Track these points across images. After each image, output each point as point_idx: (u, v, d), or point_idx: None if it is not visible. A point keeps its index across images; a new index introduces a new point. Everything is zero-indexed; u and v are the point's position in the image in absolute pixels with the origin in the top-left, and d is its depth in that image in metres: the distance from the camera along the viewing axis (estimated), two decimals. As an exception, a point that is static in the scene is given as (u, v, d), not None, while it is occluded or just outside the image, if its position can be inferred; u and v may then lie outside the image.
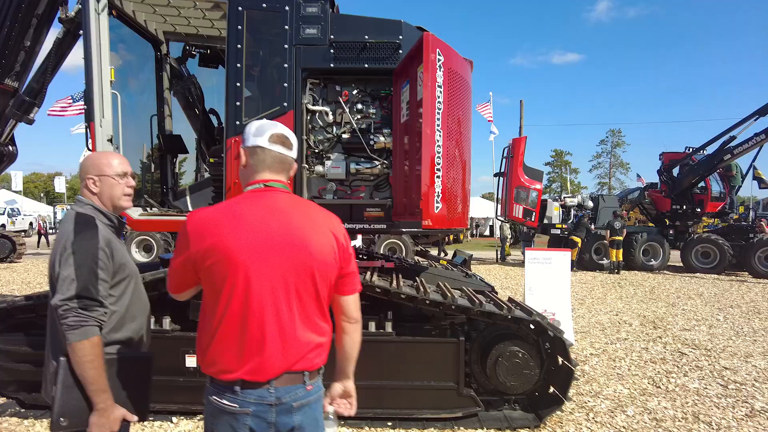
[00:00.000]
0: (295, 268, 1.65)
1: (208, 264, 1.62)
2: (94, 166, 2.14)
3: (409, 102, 3.82)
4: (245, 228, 1.62)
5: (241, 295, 1.61)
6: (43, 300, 4.30)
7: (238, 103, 4.04)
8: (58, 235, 2.04)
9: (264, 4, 4.05)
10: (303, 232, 1.68)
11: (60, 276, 1.91)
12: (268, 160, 1.73)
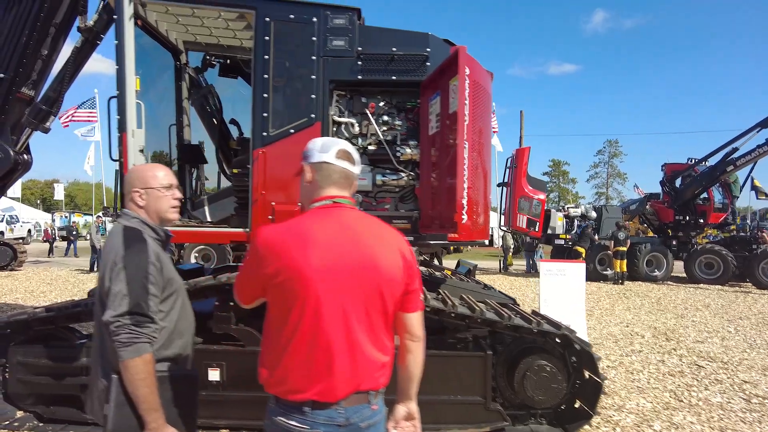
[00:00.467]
0: (365, 286, 1.63)
1: (278, 281, 1.59)
2: (140, 178, 2.12)
3: (439, 114, 3.81)
4: (317, 246, 1.60)
5: (312, 314, 1.59)
6: (64, 311, 4.24)
7: (265, 114, 4.03)
8: (106, 250, 2.01)
9: (291, 15, 4.05)
10: (373, 250, 1.66)
11: (111, 291, 1.88)
12: (334, 176, 1.72)
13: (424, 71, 4.10)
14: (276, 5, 4.05)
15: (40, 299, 10.50)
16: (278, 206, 4.03)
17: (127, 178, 2.11)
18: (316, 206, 1.73)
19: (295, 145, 4.05)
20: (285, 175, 4.03)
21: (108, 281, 1.91)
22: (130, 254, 1.94)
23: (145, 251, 1.98)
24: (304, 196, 1.81)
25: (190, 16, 4.60)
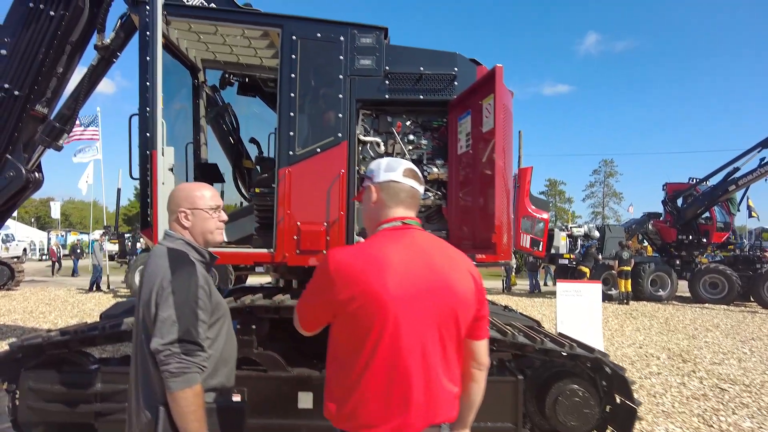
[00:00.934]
0: (441, 312, 1.56)
1: (353, 308, 1.50)
2: (187, 198, 2.02)
3: (469, 133, 3.77)
4: (393, 270, 1.51)
5: (390, 343, 1.49)
6: (80, 335, 4.09)
7: (291, 133, 3.97)
8: (150, 273, 1.90)
9: (318, 33, 4.03)
10: (447, 273, 1.59)
11: (159, 318, 1.78)
12: (402, 195, 1.66)
13: (451, 90, 4.07)
14: (303, 24, 4.03)
15: (39, 320, 10.27)
16: (304, 226, 3.95)
17: (173, 197, 2.01)
18: (385, 228, 1.65)
19: (322, 165, 3.99)
20: (311, 195, 3.96)
21: (154, 306, 1.81)
22: (179, 278, 1.84)
23: (194, 274, 1.88)
24: (369, 218, 1.74)
25: (213, 33, 4.57)
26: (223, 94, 5.68)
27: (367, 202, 1.70)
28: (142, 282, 1.95)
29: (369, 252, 1.57)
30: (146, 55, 4.03)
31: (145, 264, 2.01)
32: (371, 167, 1.72)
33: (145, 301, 1.86)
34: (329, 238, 3.95)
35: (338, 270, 1.52)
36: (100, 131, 16.42)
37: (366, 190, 1.72)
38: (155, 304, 1.81)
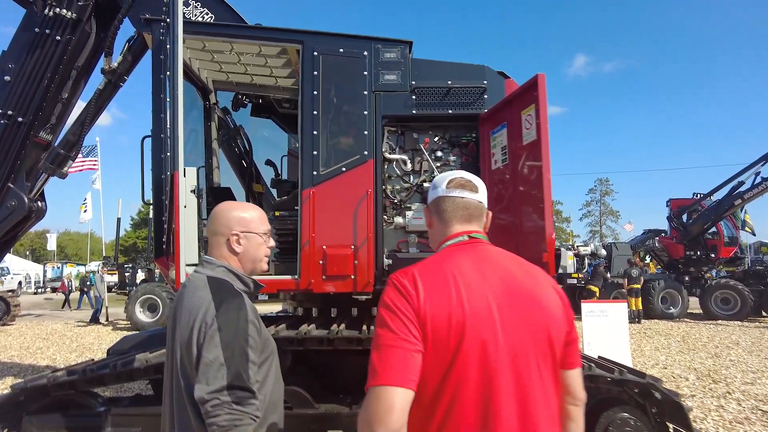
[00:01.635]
0: (533, 333, 1.30)
1: (428, 336, 1.23)
2: (240, 221, 1.77)
3: (506, 147, 3.57)
4: (472, 290, 1.28)
5: (477, 375, 1.23)
6: (89, 374, 3.78)
7: (315, 152, 3.77)
8: (189, 307, 1.63)
9: (341, 49, 3.87)
10: (530, 288, 1.35)
11: (204, 360, 1.51)
12: (450, 209, 1.45)
13: (482, 104, 3.90)
14: (324, 39, 3.87)
15: (37, 356, 9.84)
16: (330, 250, 3.71)
17: (221, 218, 1.76)
18: (450, 244, 1.42)
19: (347, 184, 3.78)
20: (337, 216, 3.74)
21: (196, 347, 1.54)
22: (225, 312, 1.58)
23: (242, 307, 1.62)
24: (432, 241, 1.54)
25: (228, 52, 4.41)
26: (234, 116, 5.50)
27: (427, 225, 1.55)
28: (176, 317, 1.68)
29: (439, 270, 1.33)
30: (160, 74, 3.87)
31: (178, 296, 1.73)
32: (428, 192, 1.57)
33: (184, 341, 1.59)
34: (357, 261, 3.71)
35: (408, 291, 1.26)
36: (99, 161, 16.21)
37: (425, 214, 1.56)
38: (197, 344, 1.54)
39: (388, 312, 1.25)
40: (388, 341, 1.20)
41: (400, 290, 1.27)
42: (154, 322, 13.06)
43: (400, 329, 1.21)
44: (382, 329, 1.24)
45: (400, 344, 1.19)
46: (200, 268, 1.76)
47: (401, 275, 1.32)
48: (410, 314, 1.22)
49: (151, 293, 13.38)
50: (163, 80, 3.84)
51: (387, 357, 1.18)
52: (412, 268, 1.35)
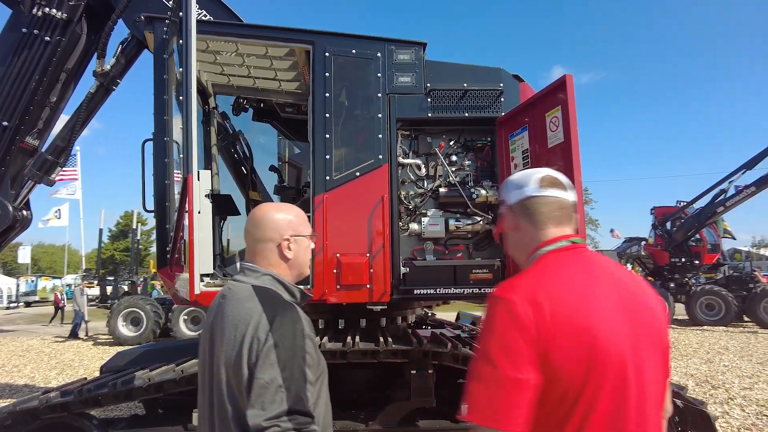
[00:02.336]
0: (653, 344, 1.18)
1: (555, 360, 1.08)
2: (290, 224, 1.60)
3: (527, 150, 3.47)
4: (592, 305, 1.14)
5: (609, 399, 1.09)
6: (85, 395, 3.52)
7: (327, 156, 3.61)
8: (234, 320, 1.43)
9: (353, 50, 3.74)
10: (642, 295, 1.23)
11: (258, 381, 1.31)
12: (545, 210, 1.28)
13: (498, 107, 3.80)
14: (336, 39, 3.74)
15: (14, 375, 9.35)
16: (344, 258, 3.54)
17: (269, 221, 1.58)
18: (550, 250, 1.26)
19: (362, 190, 3.64)
20: (351, 222, 3.58)
21: (247, 366, 1.35)
22: (280, 326, 1.39)
23: (298, 320, 1.44)
24: (516, 247, 1.37)
25: (232, 54, 4.23)
26: (234, 121, 5.31)
27: (509, 229, 1.36)
28: (216, 332, 1.49)
29: (551, 280, 1.18)
30: (163, 74, 3.69)
31: (216, 309, 1.54)
32: (502, 189, 1.40)
33: (231, 360, 1.40)
34: (373, 270, 3.55)
35: (525, 315, 1.10)
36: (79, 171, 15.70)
37: (504, 217, 1.38)
38: (248, 364, 1.35)
39: (498, 345, 1.10)
40: (495, 377, 1.07)
41: (514, 316, 1.10)
42: (138, 336, 12.60)
43: (509, 365, 1.07)
44: (489, 363, 1.09)
45: (512, 383, 1.06)
46: (242, 277, 1.58)
47: (512, 294, 1.14)
48: (525, 349, 1.07)
49: (135, 306, 12.93)
50: (167, 81, 3.65)
51: (497, 396, 1.06)
52: (520, 282, 1.18)
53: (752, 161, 15.05)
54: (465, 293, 3.63)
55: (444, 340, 3.71)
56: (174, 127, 3.53)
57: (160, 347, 4.97)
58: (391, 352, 3.55)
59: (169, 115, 3.57)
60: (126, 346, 12.22)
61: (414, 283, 3.62)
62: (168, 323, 12.85)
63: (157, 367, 3.68)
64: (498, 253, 3.76)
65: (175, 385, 3.49)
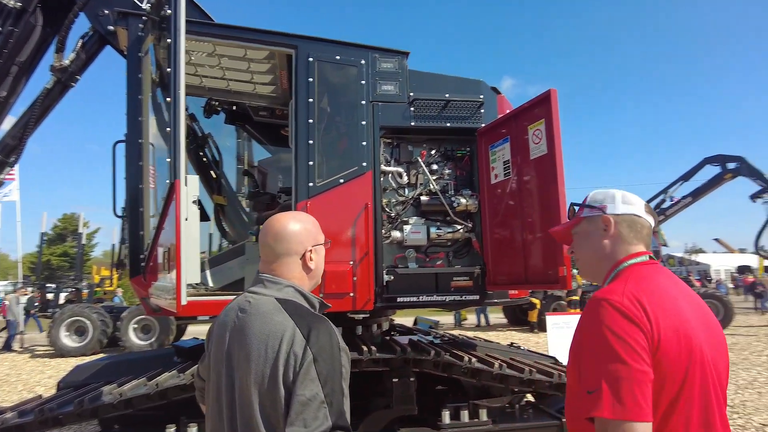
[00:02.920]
0: (721, 356, 1.30)
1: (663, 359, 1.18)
2: (310, 234, 1.57)
3: (509, 162, 3.56)
4: (683, 310, 1.26)
5: (699, 396, 1.20)
6: (47, 414, 3.26)
7: (311, 162, 3.56)
8: (259, 335, 1.37)
9: (338, 56, 3.72)
10: (709, 312, 1.36)
11: (299, 398, 1.27)
12: (644, 232, 1.44)
13: (479, 118, 3.89)
14: (320, 45, 3.71)
15: None
16: (327, 266, 3.42)
17: (293, 235, 1.53)
18: (635, 263, 1.38)
19: (345, 196, 3.61)
20: (334, 230, 3.54)
21: (282, 383, 1.30)
22: (317, 339, 1.34)
23: (334, 333, 1.41)
24: (597, 251, 1.45)
25: (209, 55, 4.10)
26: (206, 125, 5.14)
27: (597, 233, 1.45)
28: (235, 349, 1.42)
29: (649, 286, 1.28)
30: (137, 73, 3.53)
31: (238, 324, 1.45)
32: (596, 197, 1.49)
33: (263, 378, 1.33)
34: (356, 278, 3.53)
35: (639, 317, 1.19)
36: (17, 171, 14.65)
37: (593, 220, 1.46)
38: (285, 380, 1.30)
39: (621, 341, 1.17)
40: (628, 373, 1.14)
41: (630, 317, 1.19)
42: (82, 347, 11.86)
43: (636, 360, 1.15)
44: (617, 359, 1.16)
45: (640, 376, 1.14)
46: (261, 289, 1.51)
47: (622, 297, 1.23)
48: (644, 343, 1.16)
49: (80, 315, 12.16)
50: (141, 80, 3.49)
51: (631, 390, 1.13)
52: (624, 288, 1.27)
53: (688, 173, 16.16)
54: (447, 301, 3.68)
55: (426, 348, 3.74)
56: (150, 129, 3.37)
57: (122, 359, 4.71)
58: (373, 360, 3.54)
59: (145, 117, 3.41)
60: (69, 358, 11.46)
61: (397, 291, 3.63)
62: (116, 332, 12.17)
63: (126, 382, 3.49)
64: (477, 260, 3.84)
65: (147, 400, 3.31)
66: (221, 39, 3.60)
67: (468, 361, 3.54)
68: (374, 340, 4.07)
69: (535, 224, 3.31)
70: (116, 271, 15.53)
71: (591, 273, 1.49)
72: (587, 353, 1.21)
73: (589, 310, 1.26)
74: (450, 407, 3.65)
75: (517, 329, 17.06)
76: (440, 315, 22.90)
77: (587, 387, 1.18)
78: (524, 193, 3.42)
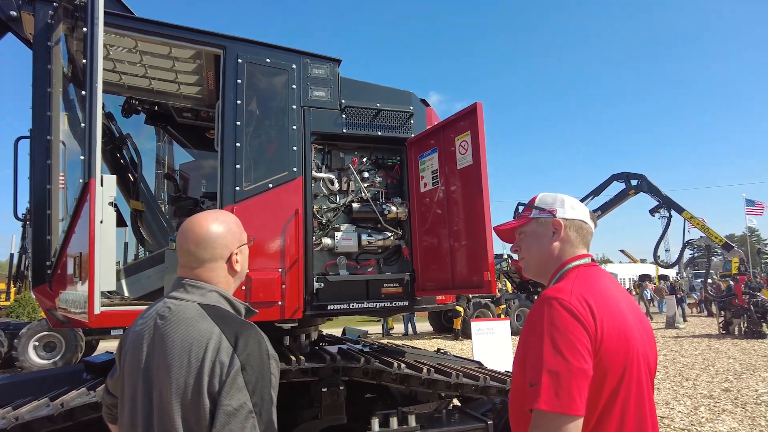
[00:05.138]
0: (652, 353, 1.42)
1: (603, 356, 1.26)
2: (235, 235, 1.50)
3: (436, 171, 3.67)
4: (623, 309, 1.36)
5: (635, 392, 1.29)
6: None
7: (238, 165, 3.45)
8: (181, 344, 1.30)
9: (268, 59, 3.66)
10: (645, 317, 1.48)
11: (225, 408, 1.20)
12: (588, 237, 1.55)
13: (408, 128, 3.98)
14: (249, 47, 3.63)
15: None
16: (254, 273, 3.39)
17: (217, 239, 1.45)
18: (580, 264, 1.47)
19: (274, 202, 3.54)
20: (262, 237, 3.45)
21: (207, 393, 1.23)
22: (245, 347, 1.29)
23: (262, 340, 1.35)
24: (544, 253, 1.52)
25: (129, 50, 3.87)
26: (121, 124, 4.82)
27: (547, 235, 1.52)
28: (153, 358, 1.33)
29: (594, 286, 1.36)
30: (47, 64, 3.25)
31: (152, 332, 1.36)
32: (545, 200, 1.56)
33: (187, 387, 1.25)
34: (285, 286, 3.45)
35: (583, 316, 1.26)
36: None
37: (543, 222, 1.53)
38: (210, 390, 1.23)
39: (565, 339, 1.23)
40: (567, 368, 1.21)
41: (577, 316, 1.26)
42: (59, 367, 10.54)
43: (577, 358, 1.21)
44: (558, 355, 1.22)
45: (579, 373, 1.20)
46: (183, 294, 1.42)
47: (569, 296, 1.29)
48: (587, 341, 1.23)
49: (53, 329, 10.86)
50: (51, 72, 3.22)
51: (568, 385, 1.19)
52: (571, 287, 1.34)
53: (598, 189, 17.50)
54: (377, 307, 3.69)
55: (356, 355, 3.72)
56: (61, 125, 3.11)
57: (18, 380, 4.24)
58: (301, 371, 3.46)
59: (55, 112, 3.14)
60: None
61: (327, 299, 3.60)
62: (13, 351, 10.96)
63: (24, 404, 3.14)
64: (407, 267, 3.90)
65: (49, 423, 3.00)
66: (144, 34, 3.41)
67: (398, 367, 3.56)
68: (302, 350, 4.00)
69: (461, 232, 3.42)
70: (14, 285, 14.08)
71: (537, 272, 1.56)
72: (534, 348, 1.27)
73: (538, 308, 1.32)
74: (379, 414, 3.64)
75: (443, 337, 17.47)
76: (368, 325, 22.95)
77: (530, 380, 1.24)
78: (451, 202, 3.54)
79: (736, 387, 7.80)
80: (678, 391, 7.70)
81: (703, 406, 6.74)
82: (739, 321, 14.69)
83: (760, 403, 6.82)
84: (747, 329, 14.27)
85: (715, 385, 7.98)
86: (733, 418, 6.14)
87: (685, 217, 15.84)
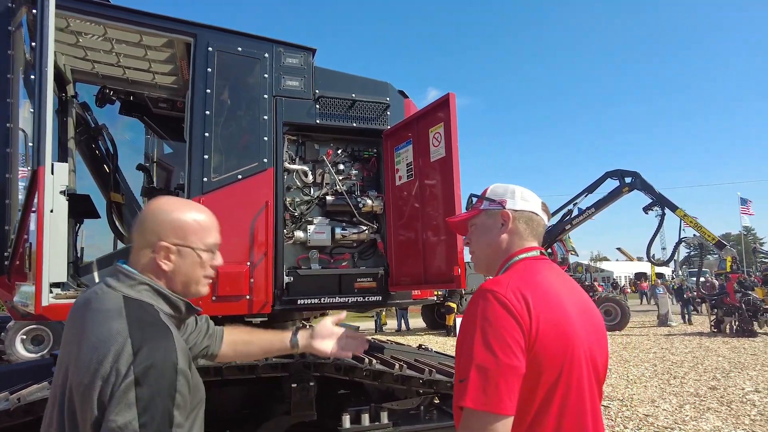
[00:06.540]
0: (600, 348, 1.34)
1: (539, 350, 1.19)
2: (177, 228, 1.34)
3: (411, 163, 3.60)
4: (565, 304, 1.28)
5: (576, 390, 1.22)
6: None
7: (206, 156, 3.38)
8: (91, 339, 1.18)
9: (239, 47, 3.57)
10: (591, 304, 1.41)
11: (109, 425, 1.07)
12: (539, 229, 1.48)
13: (385, 120, 3.90)
14: (221, 35, 3.55)
15: None
16: (222, 267, 3.29)
17: (152, 218, 1.34)
18: (526, 257, 1.40)
19: (243, 194, 3.47)
20: (230, 229, 3.37)
21: (96, 402, 1.10)
22: (146, 359, 1.14)
23: (172, 351, 1.19)
24: (492, 245, 1.45)
25: (99, 38, 3.78)
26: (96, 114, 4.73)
27: (496, 227, 1.46)
28: (70, 346, 1.24)
29: (535, 280, 1.29)
30: (6, 49, 3.18)
31: (77, 316, 1.27)
32: (496, 191, 1.49)
33: (81, 386, 1.13)
34: (254, 280, 3.38)
35: (518, 310, 1.19)
36: None
37: (492, 213, 1.47)
38: (99, 400, 1.10)
39: (496, 334, 1.17)
40: (496, 364, 1.14)
41: (510, 310, 1.18)
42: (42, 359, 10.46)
43: (507, 354, 1.14)
44: (489, 351, 1.15)
45: (508, 370, 1.14)
46: (114, 281, 1.30)
47: (505, 290, 1.22)
48: (519, 337, 1.16)
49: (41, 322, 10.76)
50: (11, 57, 3.14)
51: (496, 382, 1.13)
52: (509, 280, 1.26)
53: (592, 186, 17.44)
54: (349, 302, 3.62)
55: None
56: (20, 112, 3.03)
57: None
58: (270, 366, 3.40)
59: (15, 99, 3.06)
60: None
61: (298, 293, 3.52)
62: (0, 345, 10.88)
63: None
64: (381, 261, 3.83)
65: (7, 417, 2.93)
66: (110, 21, 3.32)
67: (369, 363, 3.50)
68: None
69: (433, 226, 3.35)
70: None
71: (485, 266, 1.49)
72: (466, 343, 1.20)
73: (474, 301, 1.25)
74: (351, 411, 3.58)
75: (435, 333, 17.45)
76: (362, 320, 22.91)
77: (460, 376, 1.18)
78: (425, 195, 3.46)
79: (723, 385, 7.76)
80: (665, 389, 7.67)
81: (688, 404, 6.71)
82: (731, 319, 14.68)
83: (746, 401, 6.78)
84: (738, 327, 14.26)
85: (702, 383, 7.95)
86: (717, 417, 6.11)
87: (679, 215, 15.79)
